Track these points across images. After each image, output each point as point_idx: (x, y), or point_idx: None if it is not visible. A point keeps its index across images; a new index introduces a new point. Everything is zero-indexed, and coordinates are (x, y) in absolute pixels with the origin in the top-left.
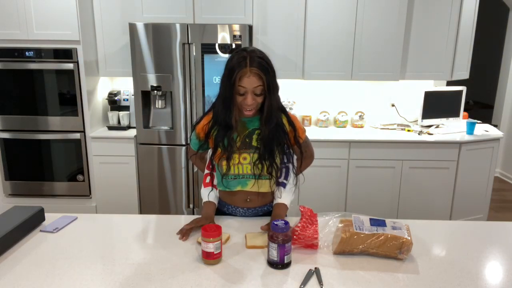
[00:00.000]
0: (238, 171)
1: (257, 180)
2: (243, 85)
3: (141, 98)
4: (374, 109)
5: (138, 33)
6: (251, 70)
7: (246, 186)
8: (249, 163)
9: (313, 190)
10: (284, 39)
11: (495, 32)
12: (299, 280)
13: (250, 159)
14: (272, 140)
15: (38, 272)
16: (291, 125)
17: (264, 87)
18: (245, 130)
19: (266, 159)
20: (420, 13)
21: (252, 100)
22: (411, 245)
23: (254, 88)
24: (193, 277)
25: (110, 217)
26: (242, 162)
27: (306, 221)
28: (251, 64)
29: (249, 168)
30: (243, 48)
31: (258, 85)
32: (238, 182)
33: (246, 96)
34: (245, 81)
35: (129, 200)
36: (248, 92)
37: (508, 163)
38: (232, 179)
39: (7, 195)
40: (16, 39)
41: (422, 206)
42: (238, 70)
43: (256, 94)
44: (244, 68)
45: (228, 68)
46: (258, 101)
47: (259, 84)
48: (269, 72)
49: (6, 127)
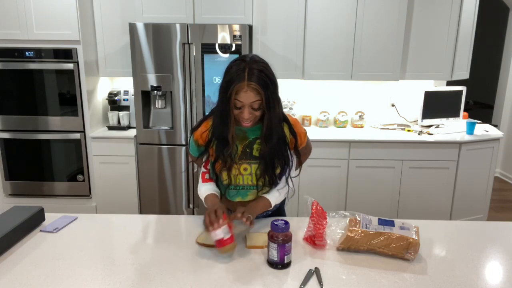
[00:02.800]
0: (238, 182)
1: (258, 191)
2: (240, 99)
3: (141, 98)
4: (374, 109)
5: (138, 33)
6: (248, 85)
7: (246, 197)
8: (249, 174)
9: (313, 190)
10: (284, 39)
11: (495, 32)
12: (299, 280)
13: (250, 169)
14: (273, 157)
15: (38, 272)
16: (292, 134)
17: (262, 101)
18: (246, 140)
19: (267, 173)
20: (420, 13)
21: (249, 114)
22: (418, 245)
23: (251, 103)
24: (193, 277)
25: (110, 217)
26: (242, 173)
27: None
28: (249, 78)
29: (250, 179)
30: (243, 56)
31: (256, 100)
32: (238, 193)
33: (243, 110)
34: (242, 95)
35: (129, 200)
36: (245, 106)
37: (508, 163)
38: (232, 189)
39: (7, 195)
40: (16, 39)
41: (422, 206)
42: (235, 83)
43: (254, 108)
44: (241, 82)
45: (226, 79)
46: (256, 115)
47: (257, 99)
48: (269, 87)
49: (6, 127)
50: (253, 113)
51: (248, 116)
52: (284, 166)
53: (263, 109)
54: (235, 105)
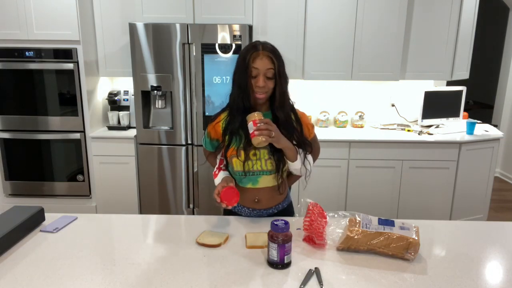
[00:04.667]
0: (248, 168)
1: (268, 175)
2: (256, 66)
3: (141, 98)
4: (374, 109)
5: (138, 33)
6: (263, 53)
7: (257, 183)
8: (258, 159)
9: (313, 190)
10: (284, 39)
11: (495, 32)
12: (299, 280)
13: (259, 154)
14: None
15: (38, 272)
16: (298, 122)
17: (275, 71)
18: None
19: (276, 151)
20: (420, 13)
21: (264, 82)
22: (418, 246)
23: (266, 70)
24: (193, 277)
25: (110, 217)
26: (252, 158)
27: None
28: (263, 48)
29: (259, 165)
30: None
31: (270, 68)
32: (249, 180)
33: (258, 78)
34: (257, 62)
35: (129, 200)
36: (260, 74)
37: (508, 163)
38: (243, 176)
39: (7, 195)
40: (16, 39)
41: (422, 206)
42: (251, 52)
43: (268, 77)
44: (257, 51)
45: (241, 56)
46: (269, 86)
47: (271, 67)
48: (280, 59)
49: (6, 127)
50: (267, 83)
51: (263, 84)
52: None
53: (275, 81)
54: (251, 74)
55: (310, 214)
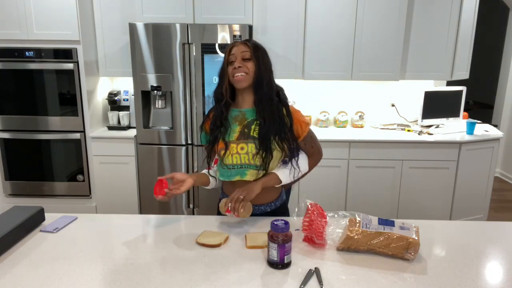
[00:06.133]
0: (236, 161)
1: (256, 170)
2: (232, 52)
3: (141, 98)
4: (374, 109)
5: (138, 33)
6: (239, 42)
7: (244, 176)
8: (246, 152)
9: (313, 190)
10: (284, 39)
11: (495, 32)
12: (299, 280)
13: (247, 148)
14: (268, 131)
15: (38, 272)
16: (288, 117)
17: (251, 53)
18: (244, 120)
19: (262, 143)
20: (420, 13)
21: (240, 62)
22: (418, 245)
23: (241, 53)
24: (193, 277)
25: (110, 217)
26: (240, 152)
27: (316, 217)
28: (242, 41)
29: (247, 158)
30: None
31: (245, 50)
32: (237, 172)
33: (235, 61)
34: (233, 50)
35: (129, 200)
36: (237, 58)
37: (508, 163)
38: (230, 169)
39: (7, 195)
40: (16, 39)
41: (422, 206)
42: (230, 46)
43: (245, 58)
44: (235, 43)
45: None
46: (247, 66)
47: (246, 49)
48: (259, 48)
49: (6, 127)
50: (244, 65)
51: (239, 64)
52: (282, 146)
53: (254, 63)
54: (229, 62)
55: (310, 214)
